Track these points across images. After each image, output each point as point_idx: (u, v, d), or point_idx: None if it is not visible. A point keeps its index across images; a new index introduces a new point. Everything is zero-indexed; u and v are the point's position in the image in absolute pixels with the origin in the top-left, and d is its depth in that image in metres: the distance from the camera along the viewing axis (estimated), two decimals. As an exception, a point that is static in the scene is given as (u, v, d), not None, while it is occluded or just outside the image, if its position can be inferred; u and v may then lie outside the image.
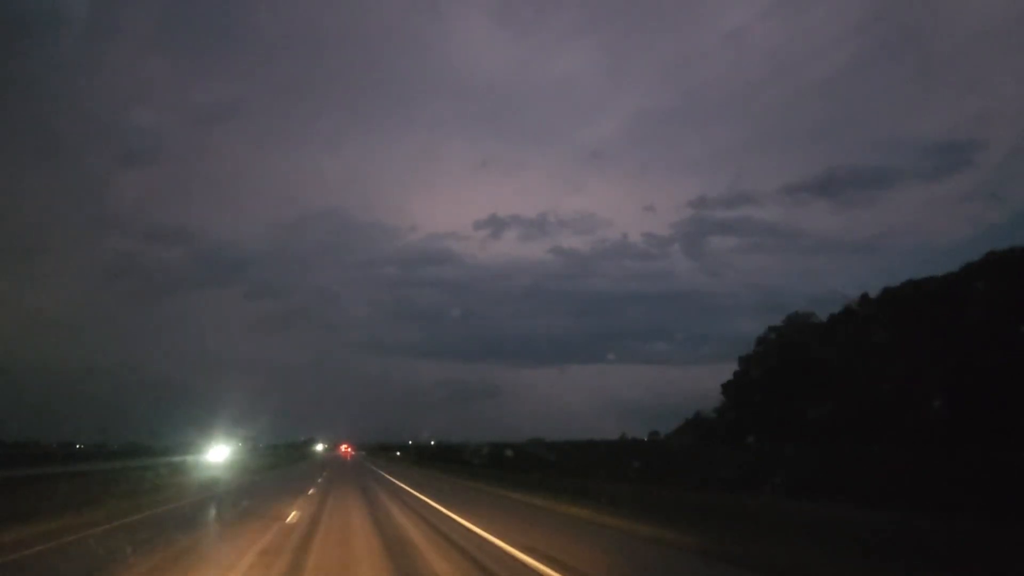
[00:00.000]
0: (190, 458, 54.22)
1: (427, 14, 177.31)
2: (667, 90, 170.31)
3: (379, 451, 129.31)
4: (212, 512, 21.30)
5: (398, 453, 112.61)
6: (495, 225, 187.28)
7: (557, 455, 50.48)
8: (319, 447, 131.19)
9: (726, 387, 45.83)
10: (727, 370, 46.23)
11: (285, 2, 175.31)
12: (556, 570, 10.31)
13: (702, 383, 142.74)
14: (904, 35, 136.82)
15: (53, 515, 17.64)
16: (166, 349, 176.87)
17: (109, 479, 28.87)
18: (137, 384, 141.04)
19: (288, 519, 17.63)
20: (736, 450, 33.07)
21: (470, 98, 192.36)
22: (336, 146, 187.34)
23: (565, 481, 28.63)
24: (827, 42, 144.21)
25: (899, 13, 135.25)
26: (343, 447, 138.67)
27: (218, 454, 55.29)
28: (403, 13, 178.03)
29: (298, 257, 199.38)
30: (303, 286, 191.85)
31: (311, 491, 28.89)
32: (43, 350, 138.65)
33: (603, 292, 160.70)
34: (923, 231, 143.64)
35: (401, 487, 32.81)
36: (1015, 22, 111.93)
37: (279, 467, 65.12)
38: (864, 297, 36.14)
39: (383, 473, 51.74)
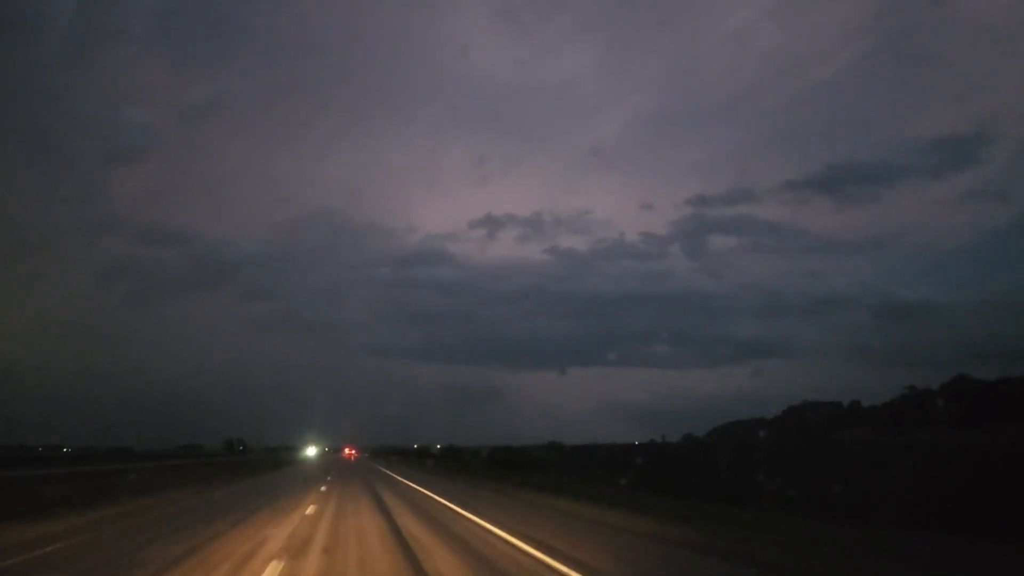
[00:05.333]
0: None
1: (426, 14, 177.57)
2: (667, 91, 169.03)
3: (389, 454, 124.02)
4: None
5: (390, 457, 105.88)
6: (492, 225, 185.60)
7: (564, 458, 49.39)
8: (311, 451, 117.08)
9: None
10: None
11: (282, 2, 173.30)
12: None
13: (718, 386, 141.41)
14: (906, 34, 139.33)
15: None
16: (161, 352, 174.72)
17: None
18: (127, 388, 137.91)
19: None
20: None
21: (469, 99, 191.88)
22: (334, 147, 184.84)
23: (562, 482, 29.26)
24: (829, 43, 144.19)
25: (900, 13, 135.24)
26: (347, 450, 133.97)
27: None
28: (402, 13, 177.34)
29: (295, 258, 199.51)
30: (300, 287, 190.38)
31: None
32: (35, 353, 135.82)
33: (602, 293, 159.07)
34: (926, 230, 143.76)
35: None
36: (1017, 21, 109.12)
37: None
38: None
39: None
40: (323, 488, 28.69)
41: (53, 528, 14.73)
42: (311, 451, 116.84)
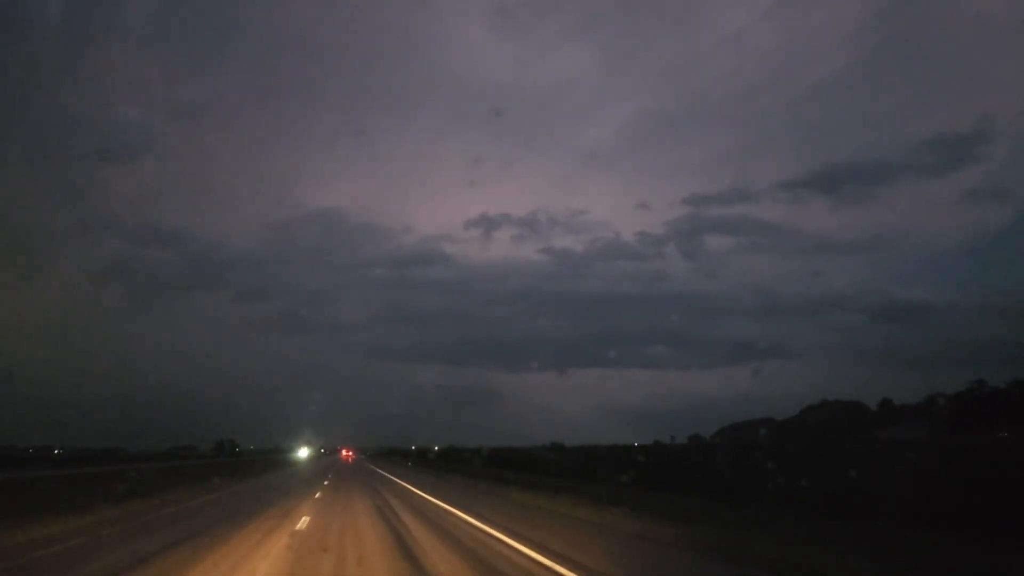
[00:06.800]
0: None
1: (423, 15, 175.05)
2: (665, 91, 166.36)
3: (389, 454, 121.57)
4: None
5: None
6: (488, 226, 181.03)
7: (567, 459, 50.58)
8: (303, 453, 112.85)
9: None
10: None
11: (278, 1, 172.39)
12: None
13: (724, 388, 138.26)
14: (906, 34, 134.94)
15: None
16: (156, 353, 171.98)
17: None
18: (121, 389, 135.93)
19: None
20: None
21: (466, 99, 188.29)
22: (331, 147, 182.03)
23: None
24: (828, 43, 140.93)
25: (900, 13, 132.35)
26: (344, 452, 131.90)
27: None
28: (399, 13, 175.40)
29: (291, 258, 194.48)
30: (296, 288, 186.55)
31: None
32: (26, 353, 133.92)
33: (599, 293, 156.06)
34: (925, 229, 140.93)
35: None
36: (1017, 21, 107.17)
37: None
38: None
39: None
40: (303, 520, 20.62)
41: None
42: (303, 452, 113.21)
